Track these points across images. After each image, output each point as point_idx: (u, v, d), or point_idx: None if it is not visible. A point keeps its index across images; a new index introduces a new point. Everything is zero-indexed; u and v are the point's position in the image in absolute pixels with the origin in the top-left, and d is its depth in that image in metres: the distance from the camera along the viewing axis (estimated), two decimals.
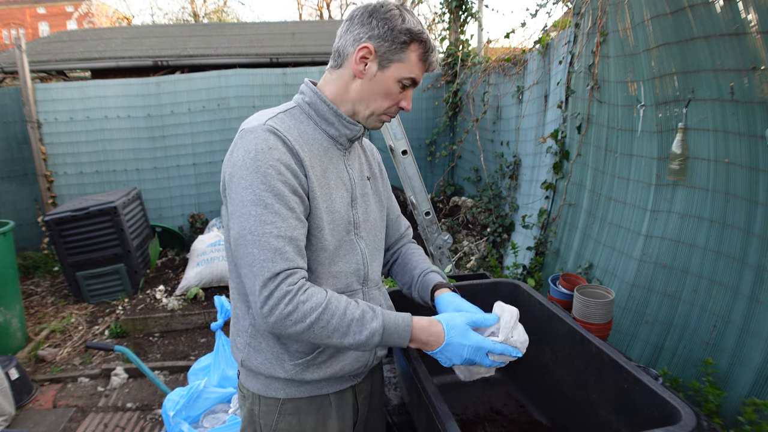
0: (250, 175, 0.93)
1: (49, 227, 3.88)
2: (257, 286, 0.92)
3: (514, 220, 3.86)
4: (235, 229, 0.95)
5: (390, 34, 1.00)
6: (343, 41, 1.04)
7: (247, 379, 1.12)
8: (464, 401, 1.53)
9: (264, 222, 0.92)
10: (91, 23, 19.00)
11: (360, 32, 1.01)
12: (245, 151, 0.95)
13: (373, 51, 1.00)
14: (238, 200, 0.95)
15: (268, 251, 0.92)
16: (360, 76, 1.03)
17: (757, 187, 1.64)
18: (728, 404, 1.66)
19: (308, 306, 0.92)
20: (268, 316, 0.91)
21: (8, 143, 5.06)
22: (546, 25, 3.38)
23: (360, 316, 0.96)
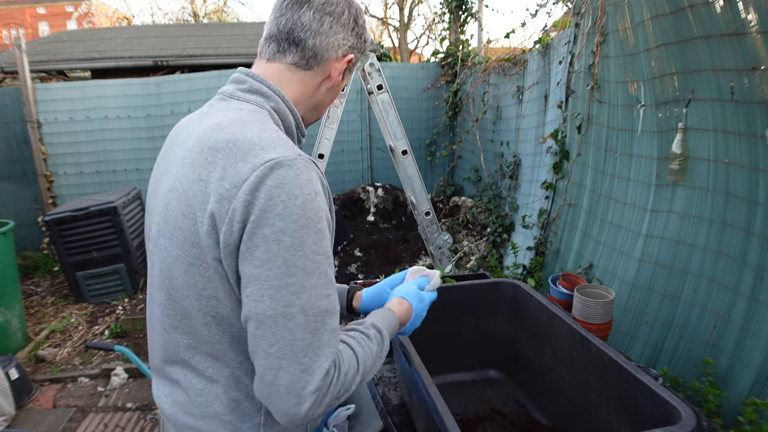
0: (301, 231, 0.70)
1: (49, 227, 3.88)
2: (308, 382, 0.70)
3: (514, 220, 3.87)
4: (265, 305, 0.70)
5: (363, 46, 0.95)
6: (322, 41, 0.88)
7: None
8: (464, 401, 1.53)
9: (319, 296, 0.72)
10: (91, 23, 19.00)
11: (344, 38, 0.90)
12: (290, 195, 0.70)
13: (353, 60, 0.94)
14: (281, 262, 0.69)
15: (325, 335, 0.72)
16: (331, 84, 0.93)
17: (757, 187, 1.64)
18: (728, 404, 1.66)
19: (351, 374, 0.77)
20: (315, 410, 0.71)
21: (8, 143, 5.06)
22: (546, 25, 3.38)
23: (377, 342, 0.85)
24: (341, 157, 5.74)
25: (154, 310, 0.88)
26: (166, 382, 0.90)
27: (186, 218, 0.76)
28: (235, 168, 0.72)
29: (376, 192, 5.26)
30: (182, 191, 0.77)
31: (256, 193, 0.70)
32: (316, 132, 3.35)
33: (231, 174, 0.72)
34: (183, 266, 0.77)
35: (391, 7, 17.22)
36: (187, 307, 0.80)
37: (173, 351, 0.86)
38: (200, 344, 0.82)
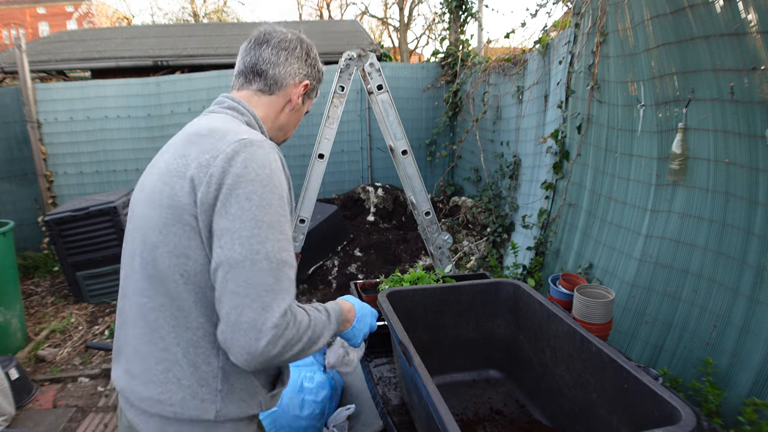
0: (269, 192, 0.86)
1: (49, 227, 3.88)
2: (268, 318, 0.82)
3: (514, 220, 3.87)
4: (240, 250, 0.83)
5: (317, 75, 1.17)
6: (280, 71, 1.08)
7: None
8: (464, 401, 1.53)
9: (282, 249, 0.86)
10: (91, 23, 19.00)
11: (299, 68, 1.11)
12: (260, 162, 0.87)
13: (309, 86, 1.14)
14: (251, 217, 0.84)
15: (285, 281, 0.86)
16: (293, 107, 1.13)
17: (757, 187, 1.64)
18: (728, 404, 1.66)
19: (304, 324, 0.90)
20: (272, 348, 0.83)
21: (8, 143, 5.06)
22: (546, 25, 3.38)
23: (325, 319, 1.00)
24: (341, 157, 5.74)
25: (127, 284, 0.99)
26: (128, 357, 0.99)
27: (165, 185, 0.91)
28: (214, 144, 0.91)
29: (376, 192, 5.26)
30: (164, 168, 0.94)
31: (232, 162, 0.87)
32: (315, 132, 3.35)
33: (210, 148, 0.90)
34: (158, 227, 0.91)
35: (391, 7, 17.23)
36: (159, 267, 0.91)
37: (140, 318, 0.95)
38: (167, 304, 0.92)
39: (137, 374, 0.96)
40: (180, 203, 0.88)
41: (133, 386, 0.96)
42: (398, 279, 1.89)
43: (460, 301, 1.59)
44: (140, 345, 0.95)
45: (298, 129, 5.52)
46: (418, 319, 1.54)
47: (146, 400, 0.94)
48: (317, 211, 4.17)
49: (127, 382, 0.98)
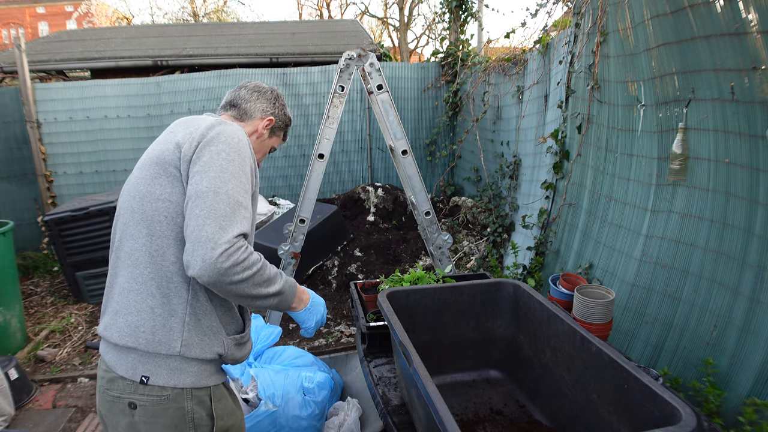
0: (234, 153, 1.12)
1: (48, 227, 3.88)
2: (222, 235, 1.01)
3: (514, 220, 3.86)
4: (207, 184, 1.05)
5: (283, 117, 1.47)
6: (251, 105, 1.40)
7: (174, 375, 1.10)
8: (464, 401, 1.53)
9: (240, 191, 1.08)
10: (90, 23, 18.99)
11: (267, 107, 1.42)
12: (231, 133, 1.15)
13: (273, 122, 1.43)
14: (218, 164, 1.08)
15: (239, 216, 1.06)
16: (258, 135, 1.40)
17: (757, 187, 1.63)
18: (728, 404, 1.66)
19: (254, 257, 1.08)
20: (224, 261, 1.00)
21: (8, 143, 5.05)
22: (546, 24, 3.38)
23: (276, 272, 1.16)
24: (341, 157, 5.74)
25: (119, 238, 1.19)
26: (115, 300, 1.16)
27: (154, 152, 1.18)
28: (198, 124, 1.19)
29: (376, 192, 5.26)
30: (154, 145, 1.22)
31: (210, 130, 1.15)
32: (315, 132, 3.34)
33: (194, 128, 1.18)
34: (147, 180, 1.15)
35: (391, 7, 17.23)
36: (146, 212, 1.13)
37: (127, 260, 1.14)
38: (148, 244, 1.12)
39: (119, 310, 1.13)
40: (166, 160, 1.14)
41: (115, 321, 1.13)
42: (398, 279, 1.89)
43: (460, 301, 1.59)
44: (125, 283, 1.14)
45: (299, 129, 5.52)
46: (418, 319, 1.54)
47: (124, 330, 1.11)
48: (317, 211, 4.17)
49: (112, 320, 1.14)
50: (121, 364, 1.11)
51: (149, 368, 1.09)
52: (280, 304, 1.18)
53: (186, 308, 1.12)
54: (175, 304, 1.11)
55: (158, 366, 1.10)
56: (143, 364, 1.10)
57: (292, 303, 1.23)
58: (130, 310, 1.11)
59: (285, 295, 1.18)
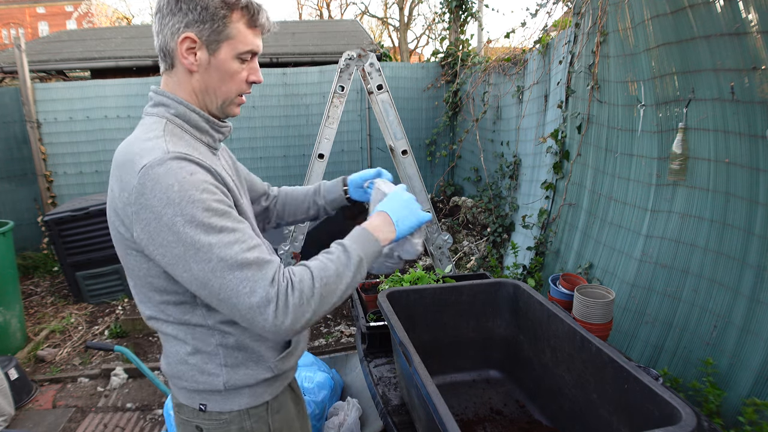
0: (186, 208, 0.82)
1: (48, 227, 3.88)
2: (261, 303, 0.84)
3: (514, 220, 3.86)
4: (198, 270, 0.84)
5: (206, 14, 0.91)
6: (162, 38, 0.95)
7: (228, 401, 1.04)
8: (464, 401, 1.53)
9: (230, 243, 0.85)
10: (90, 23, 18.99)
11: (174, 23, 0.92)
12: (164, 187, 0.83)
13: (197, 38, 0.92)
14: (181, 240, 0.83)
15: (250, 267, 0.85)
16: (194, 69, 0.95)
17: (757, 187, 1.63)
18: (728, 404, 1.66)
19: (307, 280, 0.89)
20: (284, 320, 0.85)
21: (8, 143, 5.06)
22: (546, 24, 3.38)
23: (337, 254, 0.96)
24: (341, 157, 5.74)
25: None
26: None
27: (110, 218, 0.94)
28: (127, 179, 0.86)
29: None
30: (111, 197, 0.93)
31: (142, 197, 0.84)
32: (315, 132, 3.34)
33: (125, 184, 0.87)
34: (123, 254, 0.95)
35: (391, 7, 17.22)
36: (137, 285, 0.98)
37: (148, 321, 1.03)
38: (155, 311, 0.99)
39: (163, 355, 1.08)
40: (124, 238, 0.91)
41: (162, 364, 1.08)
42: (398, 279, 1.89)
43: (460, 301, 1.59)
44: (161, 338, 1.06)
45: (299, 129, 5.52)
46: (418, 319, 1.54)
47: (169, 375, 1.06)
48: None
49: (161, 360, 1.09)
50: (180, 394, 1.07)
51: (204, 398, 1.05)
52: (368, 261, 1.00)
53: (218, 352, 1.01)
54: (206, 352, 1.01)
55: (210, 396, 1.05)
56: (198, 395, 1.05)
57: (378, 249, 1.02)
58: (168, 361, 1.05)
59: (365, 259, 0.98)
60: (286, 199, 1.39)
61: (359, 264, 0.96)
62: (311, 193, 1.38)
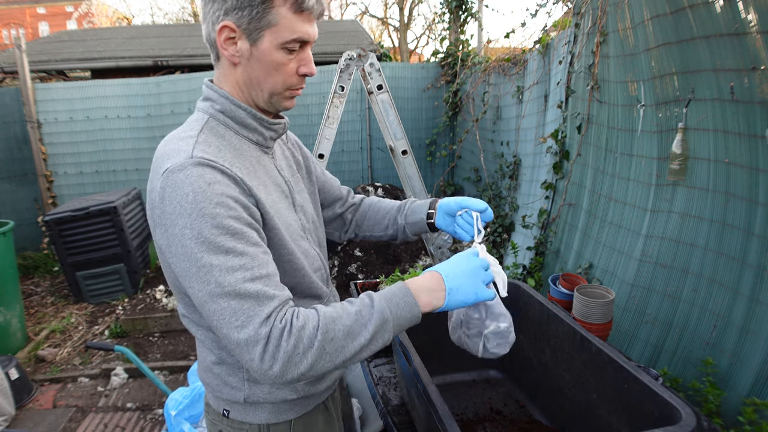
0: (196, 222, 0.77)
1: (49, 227, 3.89)
2: (248, 341, 0.77)
3: (514, 220, 3.86)
4: (197, 288, 0.79)
5: (239, 2, 0.83)
6: (205, 28, 0.89)
7: (249, 413, 1.01)
8: (464, 401, 1.53)
9: (231, 269, 0.78)
10: (91, 23, 19.00)
11: (214, 10, 0.85)
12: (180, 195, 0.78)
13: (235, 27, 0.85)
14: (187, 255, 0.78)
15: (248, 298, 0.78)
16: (235, 61, 0.89)
17: (757, 187, 1.64)
18: (728, 404, 1.66)
19: (309, 328, 0.79)
20: (272, 365, 0.77)
21: (8, 143, 5.06)
22: (546, 25, 3.38)
23: (359, 308, 0.84)
24: (341, 157, 5.74)
25: None
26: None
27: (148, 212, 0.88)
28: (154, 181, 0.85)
29: (376, 192, 5.26)
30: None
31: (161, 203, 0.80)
32: (315, 132, 3.35)
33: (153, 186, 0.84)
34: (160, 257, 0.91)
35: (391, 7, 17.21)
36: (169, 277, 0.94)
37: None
38: (189, 312, 0.97)
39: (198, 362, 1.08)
40: (155, 238, 0.88)
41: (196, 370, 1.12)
42: (398, 279, 1.89)
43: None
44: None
45: (298, 128, 5.52)
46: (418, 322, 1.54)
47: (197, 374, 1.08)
48: None
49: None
50: (208, 395, 1.07)
51: (228, 405, 1.02)
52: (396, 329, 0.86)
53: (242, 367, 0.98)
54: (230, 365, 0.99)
55: (233, 405, 1.02)
56: (222, 401, 1.03)
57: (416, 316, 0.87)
58: (200, 366, 1.05)
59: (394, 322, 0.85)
60: (368, 210, 1.28)
61: (382, 326, 0.83)
62: (394, 210, 1.24)
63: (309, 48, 0.91)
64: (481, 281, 0.92)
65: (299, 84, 0.93)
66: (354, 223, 1.29)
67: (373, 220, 1.26)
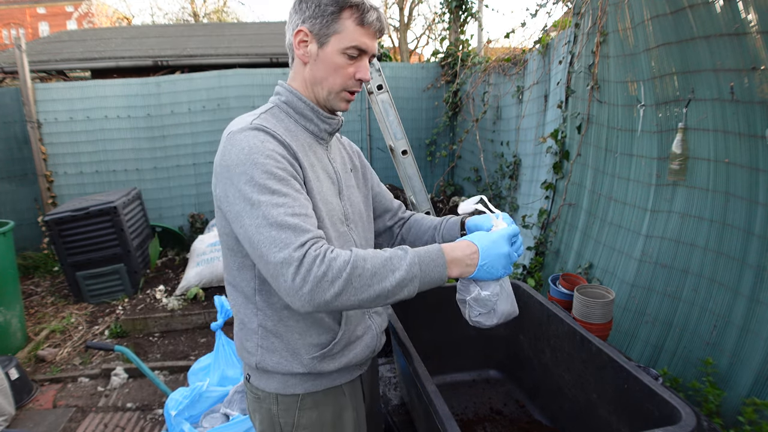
0: (249, 168, 0.92)
1: (49, 227, 3.88)
2: (284, 261, 0.86)
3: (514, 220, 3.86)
4: (248, 224, 0.91)
5: (318, 10, 1.01)
6: (288, 35, 1.08)
7: (262, 380, 1.11)
8: (464, 401, 1.53)
9: (276, 205, 0.90)
10: (91, 23, 19.00)
11: (295, 19, 1.05)
12: (238, 150, 0.94)
13: (308, 32, 1.03)
14: (241, 196, 0.92)
15: (288, 229, 0.88)
16: (305, 59, 1.05)
17: (757, 187, 1.64)
18: (728, 404, 1.66)
19: (340, 260, 0.87)
20: (302, 286, 0.85)
21: (8, 143, 5.06)
22: (546, 25, 3.38)
23: (391, 253, 0.93)
24: None
25: None
26: None
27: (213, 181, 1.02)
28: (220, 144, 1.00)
29: None
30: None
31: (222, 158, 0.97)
32: None
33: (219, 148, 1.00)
34: (216, 216, 1.06)
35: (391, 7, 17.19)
36: (222, 248, 1.08)
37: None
38: (228, 273, 1.09)
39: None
40: (216, 198, 1.01)
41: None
42: None
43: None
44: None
45: None
46: (418, 319, 1.54)
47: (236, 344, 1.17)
48: None
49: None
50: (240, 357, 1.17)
51: (249, 369, 1.14)
52: (422, 287, 0.94)
53: (258, 332, 1.07)
54: (249, 329, 1.09)
55: (251, 370, 1.13)
56: (246, 366, 1.14)
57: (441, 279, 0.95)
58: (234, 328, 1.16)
59: (421, 278, 0.92)
60: (413, 225, 1.36)
61: (408, 279, 0.91)
62: (432, 229, 1.32)
63: (367, 58, 1.06)
64: (510, 262, 1.01)
65: (355, 87, 1.07)
66: (400, 237, 1.38)
67: (416, 236, 1.35)
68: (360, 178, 1.25)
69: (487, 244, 0.99)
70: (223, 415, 2.12)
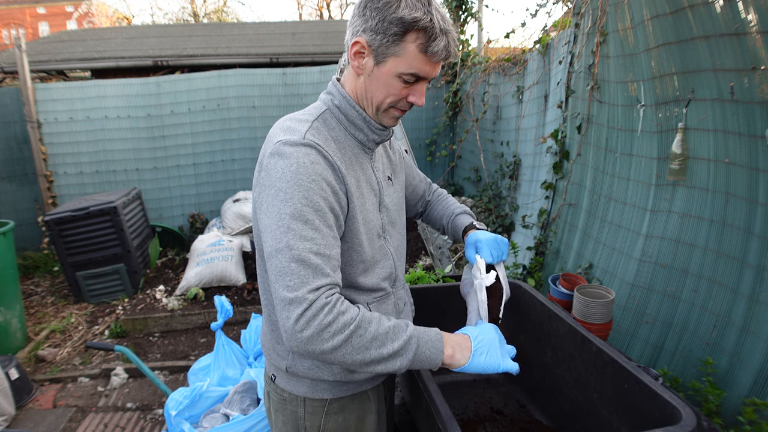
0: (291, 189, 0.89)
1: (49, 227, 3.88)
2: (294, 300, 0.85)
3: (514, 220, 3.87)
4: (270, 242, 0.90)
5: (381, 26, 0.92)
6: (347, 35, 1.00)
7: (291, 383, 1.10)
8: (465, 401, 1.53)
9: (304, 238, 0.88)
10: (91, 23, 19.01)
11: (357, 25, 0.96)
12: (286, 164, 0.91)
13: (366, 45, 0.95)
14: (276, 213, 0.90)
15: (308, 267, 0.87)
16: (359, 72, 0.99)
17: (757, 187, 1.64)
18: (728, 404, 1.66)
19: (348, 316, 0.87)
20: (304, 329, 0.84)
21: (8, 143, 5.06)
22: (546, 25, 3.38)
23: (395, 325, 0.93)
24: None
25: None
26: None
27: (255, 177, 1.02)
28: (267, 146, 0.99)
29: None
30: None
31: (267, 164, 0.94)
32: None
33: (264, 150, 0.99)
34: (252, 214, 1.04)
35: None
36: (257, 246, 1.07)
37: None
38: (261, 276, 1.09)
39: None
40: (255, 200, 1.00)
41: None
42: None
43: (461, 301, 1.59)
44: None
45: None
46: (418, 319, 1.54)
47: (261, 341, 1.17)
48: None
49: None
50: (265, 356, 1.17)
51: (275, 370, 1.13)
52: (414, 363, 0.92)
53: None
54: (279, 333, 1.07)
55: (279, 372, 1.12)
56: (272, 366, 1.14)
57: (436, 359, 0.94)
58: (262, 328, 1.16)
59: (416, 353, 0.92)
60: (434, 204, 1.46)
61: (404, 351, 0.91)
62: (444, 218, 1.42)
63: (425, 83, 1.01)
64: (502, 354, 1.00)
65: (405, 107, 1.03)
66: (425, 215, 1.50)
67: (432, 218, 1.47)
68: (399, 182, 1.23)
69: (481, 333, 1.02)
70: (223, 415, 2.12)
